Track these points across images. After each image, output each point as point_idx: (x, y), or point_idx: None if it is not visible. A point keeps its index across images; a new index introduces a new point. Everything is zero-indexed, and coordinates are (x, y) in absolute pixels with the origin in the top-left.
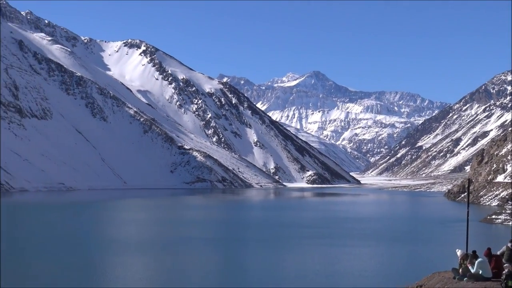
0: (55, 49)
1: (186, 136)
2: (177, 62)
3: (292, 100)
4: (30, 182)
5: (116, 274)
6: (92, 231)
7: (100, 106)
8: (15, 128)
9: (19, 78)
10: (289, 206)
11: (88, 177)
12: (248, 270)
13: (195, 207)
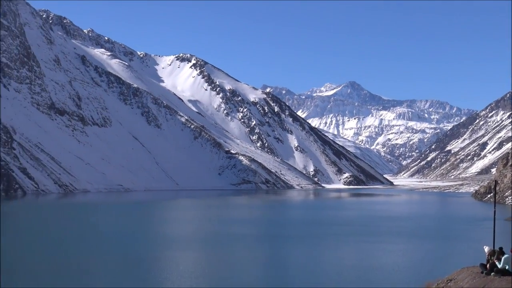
0: (114, 63)
1: (233, 141)
2: (224, 74)
3: (330, 108)
4: (92, 184)
5: (171, 268)
6: (149, 228)
7: (154, 114)
8: (78, 135)
9: (82, 90)
10: (327, 206)
11: (144, 179)
12: (289, 264)
13: (241, 206)
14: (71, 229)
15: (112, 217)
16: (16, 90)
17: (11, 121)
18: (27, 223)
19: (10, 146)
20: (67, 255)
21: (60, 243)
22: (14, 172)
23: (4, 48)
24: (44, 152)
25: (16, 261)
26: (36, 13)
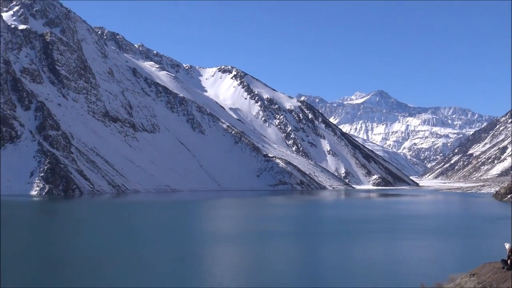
0: (162, 75)
1: (270, 146)
2: (262, 84)
3: (360, 115)
4: (142, 185)
5: (214, 262)
6: (195, 225)
7: (198, 121)
8: (129, 140)
9: (133, 99)
10: (358, 205)
11: (189, 180)
12: (322, 258)
13: (278, 206)
14: (126, 225)
15: (162, 215)
16: (74, 99)
17: (70, 127)
18: (89, 220)
19: (68, 150)
20: (124, 249)
21: (118, 238)
22: (72, 174)
23: (63, 62)
24: (99, 155)
25: (85, 253)
26: (92, 30)
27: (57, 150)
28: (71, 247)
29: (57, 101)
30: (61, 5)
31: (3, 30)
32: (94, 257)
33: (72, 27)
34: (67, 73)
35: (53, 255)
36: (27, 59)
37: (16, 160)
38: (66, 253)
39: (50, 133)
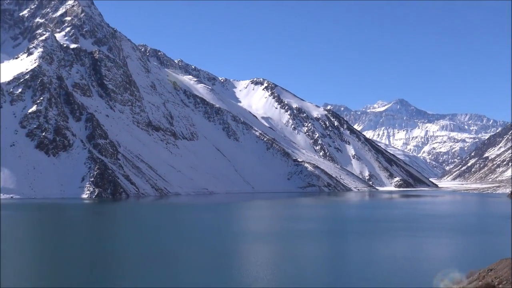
0: (200, 87)
1: (299, 151)
2: (291, 94)
3: (382, 122)
4: (182, 188)
5: (248, 259)
6: (232, 225)
7: (233, 129)
8: (171, 147)
9: (174, 110)
10: (381, 205)
11: (225, 184)
12: (349, 254)
13: (307, 206)
14: (170, 224)
15: (202, 215)
16: (120, 111)
17: (116, 136)
18: (136, 220)
19: (116, 157)
20: (169, 246)
21: (163, 236)
22: (119, 179)
23: (110, 77)
24: (143, 162)
25: (135, 250)
26: (135, 47)
27: (105, 157)
28: (122, 244)
29: (105, 112)
30: (108, 26)
31: (57, 49)
32: (143, 252)
33: (118, 45)
34: (114, 87)
35: (106, 251)
36: (78, 75)
37: (69, 166)
38: (118, 249)
39: (99, 142)
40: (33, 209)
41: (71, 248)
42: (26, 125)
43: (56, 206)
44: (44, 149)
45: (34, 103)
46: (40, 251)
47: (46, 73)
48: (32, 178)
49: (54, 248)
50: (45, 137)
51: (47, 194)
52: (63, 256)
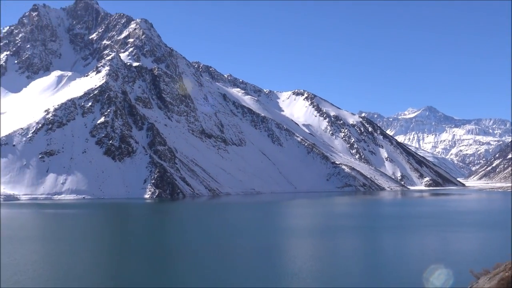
0: (247, 99)
1: (337, 155)
2: (329, 103)
3: (412, 127)
4: (232, 188)
5: (295, 252)
6: (279, 221)
7: (277, 136)
8: (222, 152)
9: (224, 119)
10: (412, 203)
11: (270, 184)
12: (384, 248)
13: (345, 204)
14: (224, 221)
15: (251, 212)
16: (177, 121)
17: (174, 143)
18: (194, 216)
19: (173, 161)
20: (223, 240)
21: (217, 231)
22: (176, 181)
23: (168, 91)
24: (197, 165)
25: (194, 243)
26: (190, 64)
27: (164, 162)
28: (184, 238)
29: (164, 122)
30: (166, 45)
31: (121, 67)
32: (202, 246)
33: (174, 63)
34: (171, 100)
35: (171, 245)
36: (140, 90)
37: (132, 170)
38: (181, 243)
39: (159, 148)
40: (103, 208)
41: (140, 242)
42: (95, 134)
43: (122, 205)
44: (111, 155)
45: (102, 115)
46: (113, 244)
47: (112, 89)
48: (101, 181)
49: (125, 241)
50: (112, 144)
51: (114, 195)
52: (134, 249)
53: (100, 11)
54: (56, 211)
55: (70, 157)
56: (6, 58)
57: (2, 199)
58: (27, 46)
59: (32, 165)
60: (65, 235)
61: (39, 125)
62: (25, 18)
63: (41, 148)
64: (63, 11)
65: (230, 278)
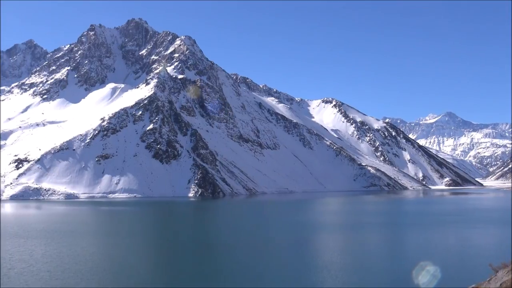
0: (280, 107)
1: (363, 157)
2: (355, 110)
3: (433, 131)
4: (267, 188)
5: (321, 247)
6: (310, 217)
7: (308, 140)
8: (258, 155)
9: (259, 125)
10: (433, 201)
11: (302, 184)
12: (406, 243)
13: (371, 202)
14: (261, 217)
15: (285, 209)
16: (218, 127)
17: (215, 147)
18: (234, 213)
19: (214, 164)
20: (260, 234)
21: (256, 226)
22: (217, 181)
23: (209, 100)
24: (236, 167)
25: (235, 237)
26: (228, 76)
27: (206, 164)
28: (224, 232)
29: (206, 128)
30: (207, 59)
31: (168, 79)
32: (241, 239)
33: (215, 75)
34: (212, 108)
35: (212, 237)
36: (184, 99)
37: (178, 171)
38: (221, 236)
39: (201, 152)
40: (152, 205)
41: (186, 234)
42: (145, 139)
43: (169, 203)
44: (159, 158)
45: (151, 122)
46: (162, 237)
47: (160, 99)
48: (150, 181)
49: (173, 234)
50: (160, 148)
51: (161, 194)
52: (180, 240)
53: (149, 30)
54: (110, 208)
55: (123, 160)
56: (67, 72)
57: (64, 198)
58: (85, 62)
59: (89, 167)
60: (119, 230)
61: (96, 132)
62: (84, 37)
63: (97, 152)
64: (116, 30)
65: (265, 268)
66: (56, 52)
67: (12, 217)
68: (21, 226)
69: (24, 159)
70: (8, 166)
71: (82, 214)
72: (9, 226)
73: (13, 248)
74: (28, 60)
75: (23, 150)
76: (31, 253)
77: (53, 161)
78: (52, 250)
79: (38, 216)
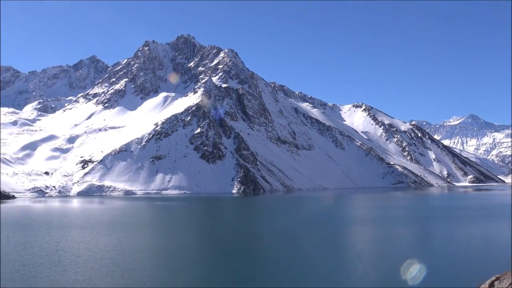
0: (314, 111)
1: (391, 157)
2: (384, 113)
3: (456, 132)
4: (303, 185)
5: (354, 238)
6: (344, 211)
7: (340, 141)
8: (294, 155)
9: (296, 128)
10: (457, 197)
11: (334, 181)
12: (432, 234)
13: (399, 198)
14: (298, 210)
15: (321, 204)
16: (258, 130)
17: (255, 148)
18: (275, 207)
19: (255, 163)
20: (298, 226)
21: (293, 219)
22: (257, 179)
23: (250, 106)
24: (274, 166)
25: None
26: (267, 84)
27: (248, 163)
28: (265, 224)
29: (247, 131)
30: (248, 70)
31: (213, 88)
32: (281, 231)
33: (255, 83)
34: (253, 113)
35: (255, 228)
36: (228, 106)
37: (222, 170)
38: (262, 228)
39: (243, 153)
40: (201, 200)
41: (231, 226)
42: (193, 142)
43: (215, 198)
44: (205, 159)
45: (198, 127)
46: (211, 228)
47: (206, 105)
48: (198, 179)
49: (220, 225)
50: (206, 150)
51: (208, 190)
52: (227, 230)
53: (196, 44)
54: (164, 203)
55: (174, 160)
56: (125, 84)
57: (123, 194)
58: (141, 74)
59: (145, 167)
60: (172, 222)
61: (150, 136)
62: (139, 52)
63: (152, 154)
64: (167, 45)
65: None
66: (116, 65)
67: (79, 211)
68: (87, 219)
69: (89, 160)
70: (75, 166)
71: (139, 208)
72: (77, 219)
73: (80, 238)
74: (91, 73)
75: (88, 152)
76: (95, 243)
77: (113, 162)
78: (114, 240)
79: (101, 210)
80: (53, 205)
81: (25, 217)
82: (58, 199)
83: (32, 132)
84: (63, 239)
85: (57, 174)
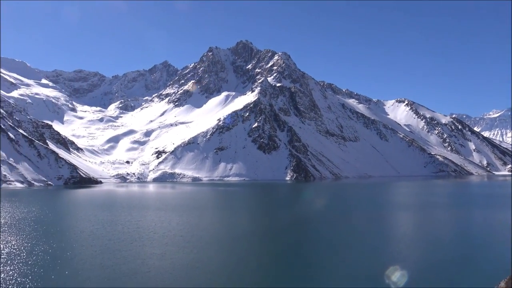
0: (360, 107)
1: (432, 147)
2: (425, 108)
3: (496, 125)
4: (350, 173)
5: (398, 222)
6: (388, 197)
7: (384, 133)
8: (341, 147)
9: (343, 122)
10: (496, 185)
11: (379, 170)
12: (471, 222)
13: (440, 185)
14: (346, 195)
15: (367, 190)
16: (309, 124)
17: (306, 140)
18: (327, 192)
19: (306, 154)
20: (347, 210)
21: (343, 203)
22: (308, 167)
23: (302, 103)
24: (324, 156)
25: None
26: (317, 83)
27: (299, 154)
28: (318, 208)
29: (299, 125)
30: (299, 70)
31: (268, 87)
32: (331, 214)
33: (306, 82)
34: (304, 109)
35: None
36: (281, 102)
37: (277, 160)
38: (318, 212)
39: (295, 144)
40: (259, 186)
41: (286, 209)
42: (251, 135)
43: (272, 184)
44: (262, 149)
45: (256, 121)
46: (269, 208)
47: (263, 102)
48: (256, 167)
49: (277, 207)
50: (263, 142)
51: (264, 177)
52: (283, 211)
53: (253, 49)
54: (226, 189)
55: (235, 151)
56: (192, 84)
57: (191, 180)
58: (205, 76)
59: (209, 157)
60: (235, 205)
61: (214, 129)
62: (204, 57)
63: (215, 145)
64: (228, 50)
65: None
66: (184, 69)
67: (155, 195)
68: (161, 201)
69: (162, 151)
70: (151, 156)
71: (205, 192)
72: (153, 201)
73: (156, 218)
74: (164, 76)
75: (161, 144)
76: (169, 222)
77: (183, 152)
78: (184, 220)
79: (173, 194)
80: (133, 189)
81: (110, 199)
82: (137, 184)
83: (115, 127)
84: (142, 218)
85: (136, 163)
